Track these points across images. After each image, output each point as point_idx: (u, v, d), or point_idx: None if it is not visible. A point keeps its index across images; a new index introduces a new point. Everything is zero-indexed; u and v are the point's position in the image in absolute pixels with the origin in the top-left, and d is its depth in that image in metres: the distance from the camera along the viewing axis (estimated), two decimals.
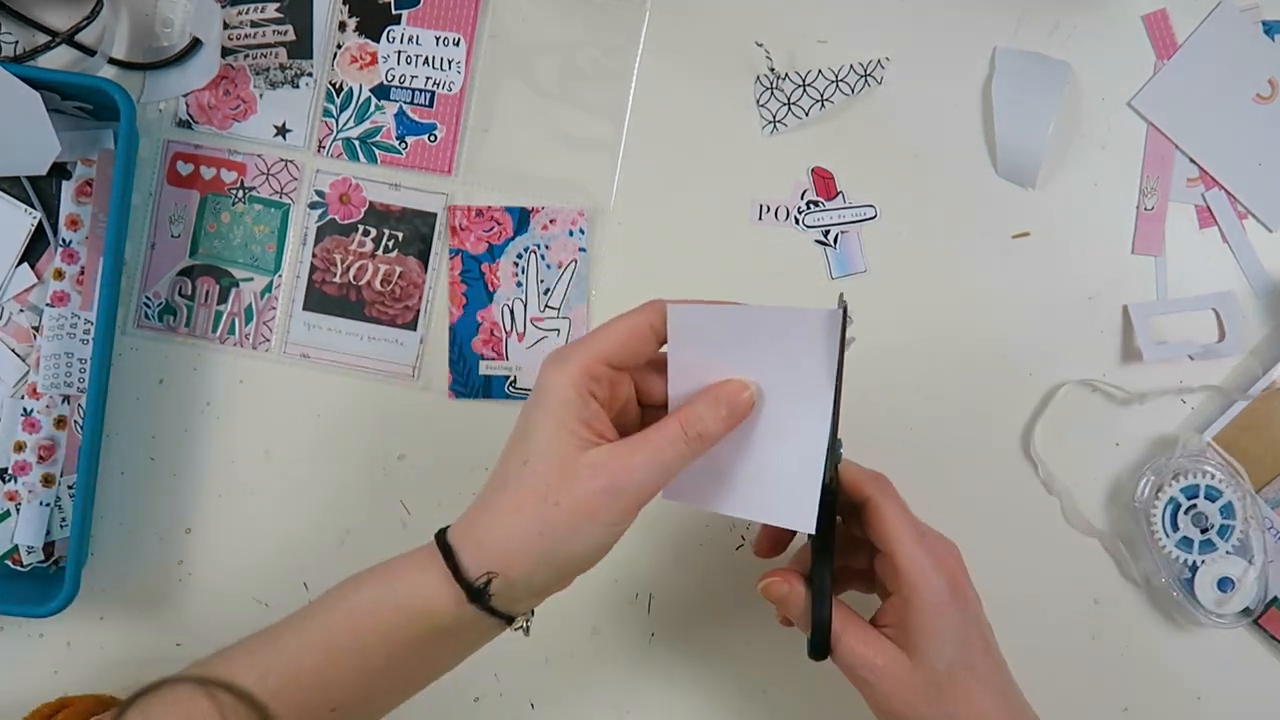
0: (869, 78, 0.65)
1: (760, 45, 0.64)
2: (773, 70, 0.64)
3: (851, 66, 0.65)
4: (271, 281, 0.66)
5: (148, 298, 0.66)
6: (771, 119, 0.65)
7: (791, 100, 0.64)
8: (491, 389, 0.66)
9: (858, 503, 0.54)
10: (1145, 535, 0.63)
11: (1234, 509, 0.62)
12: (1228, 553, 0.62)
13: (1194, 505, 0.63)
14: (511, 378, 0.66)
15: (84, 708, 0.56)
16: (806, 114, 0.65)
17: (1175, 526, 0.63)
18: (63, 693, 0.59)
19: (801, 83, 0.64)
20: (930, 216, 0.66)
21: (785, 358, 0.48)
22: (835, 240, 0.65)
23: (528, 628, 0.52)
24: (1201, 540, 0.62)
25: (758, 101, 0.65)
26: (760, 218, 0.65)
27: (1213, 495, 0.62)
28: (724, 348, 0.49)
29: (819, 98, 0.64)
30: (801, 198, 0.65)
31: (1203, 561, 0.62)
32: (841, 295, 0.49)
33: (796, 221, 0.65)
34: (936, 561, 0.52)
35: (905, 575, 0.51)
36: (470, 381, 0.66)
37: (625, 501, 0.48)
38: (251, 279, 0.66)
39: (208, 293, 0.66)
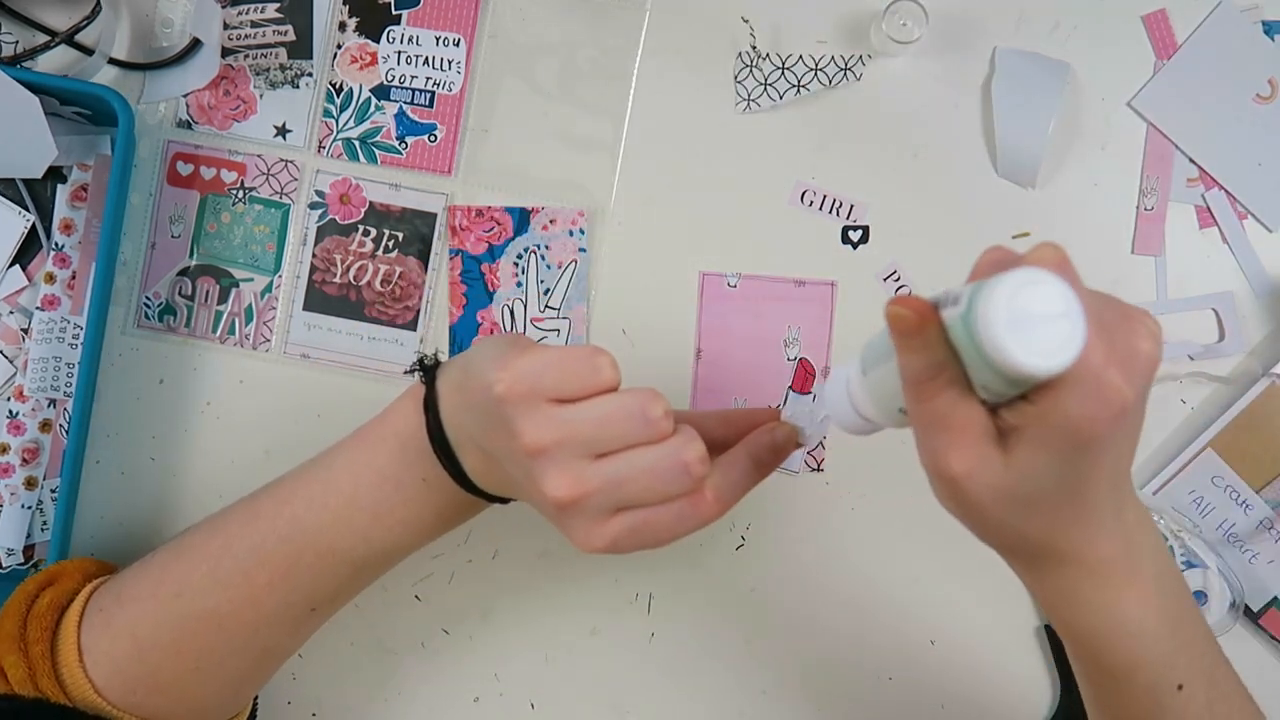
0: (848, 71, 0.65)
1: (745, 21, 0.65)
2: (754, 49, 0.64)
3: (833, 58, 0.65)
4: (271, 282, 0.66)
5: (148, 298, 0.66)
6: (746, 97, 0.65)
7: (768, 81, 0.64)
8: None
9: None
10: None
11: (1161, 533, 0.61)
12: (1182, 570, 0.62)
13: None
14: None
15: (70, 585, 0.55)
16: (781, 97, 0.65)
17: None
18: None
19: (780, 65, 0.64)
20: (930, 216, 0.66)
21: None
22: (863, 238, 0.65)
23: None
24: None
25: (735, 78, 0.65)
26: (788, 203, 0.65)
27: None
28: None
29: (795, 83, 0.64)
30: (801, 198, 0.65)
31: None
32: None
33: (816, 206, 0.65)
34: (1115, 345, 0.39)
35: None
36: None
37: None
38: (251, 279, 0.66)
39: (208, 293, 0.66)
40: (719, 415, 0.49)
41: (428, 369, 0.50)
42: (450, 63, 0.66)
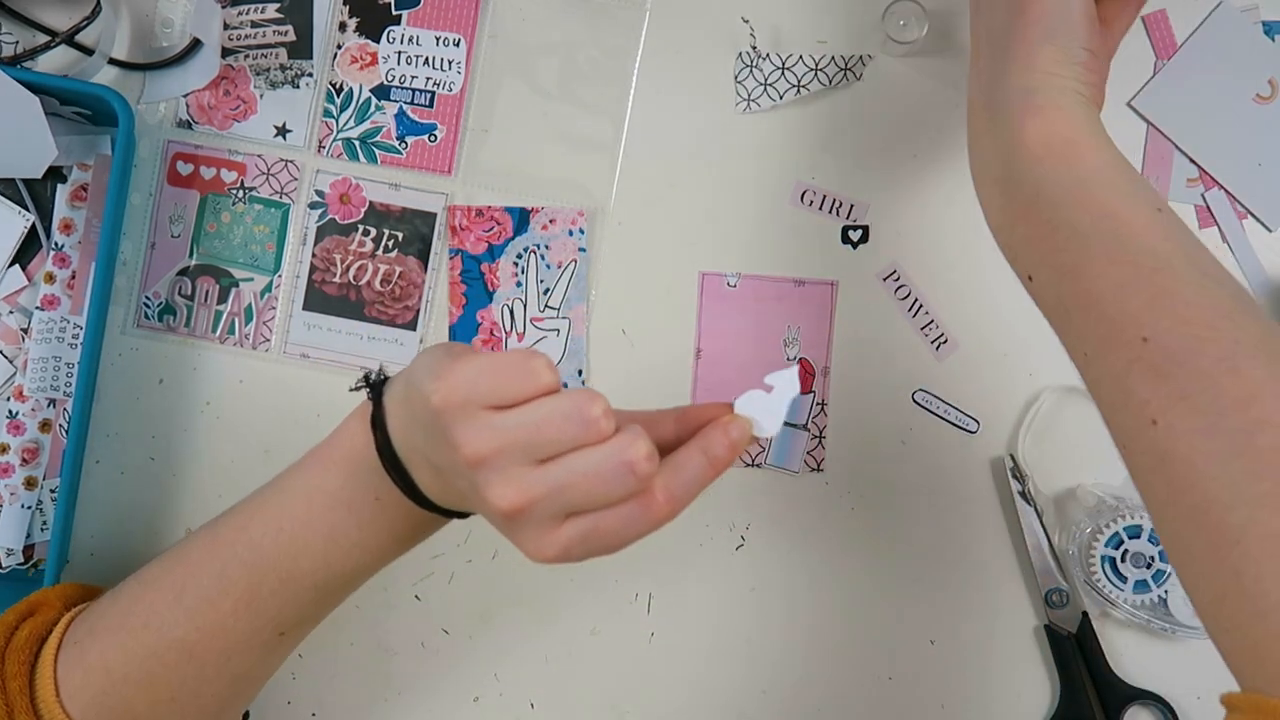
0: (848, 71, 0.65)
1: (745, 21, 0.65)
2: (754, 49, 0.64)
3: (833, 58, 0.65)
4: (271, 281, 0.66)
5: (147, 298, 0.66)
6: (746, 97, 0.65)
7: (768, 81, 0.64)
8: None
9: None
10: (1107, 601, 0.63)
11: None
12: None
13: (1124, 550, 0.62)
14: None
15: (50, 616, 0.54)
16: (781, 97, 0.65)
17: (1123, 578, 0.62)
18: None
19: (780, 65, 0.64)
20: (930, 216, 0.66)
21: None
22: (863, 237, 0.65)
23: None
24: (1154, 573, 0.62)
25: (735, 78, 0.65)
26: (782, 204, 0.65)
27: (1133, 532, 0.62)
28: None
29: (795, 83, 0.64)
30: (802, 199, 0.65)
31: (1166, 592, 0.62)
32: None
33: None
34: None
35: None
36: None
37: None
38: (251, 279, 0.66)
39: (208, 293, 0.66)
40: (673, 413, 0.48)
41: (374, 385, 0.49)
42: (450, 63, 0.66)
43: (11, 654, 0.52)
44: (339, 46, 0.66)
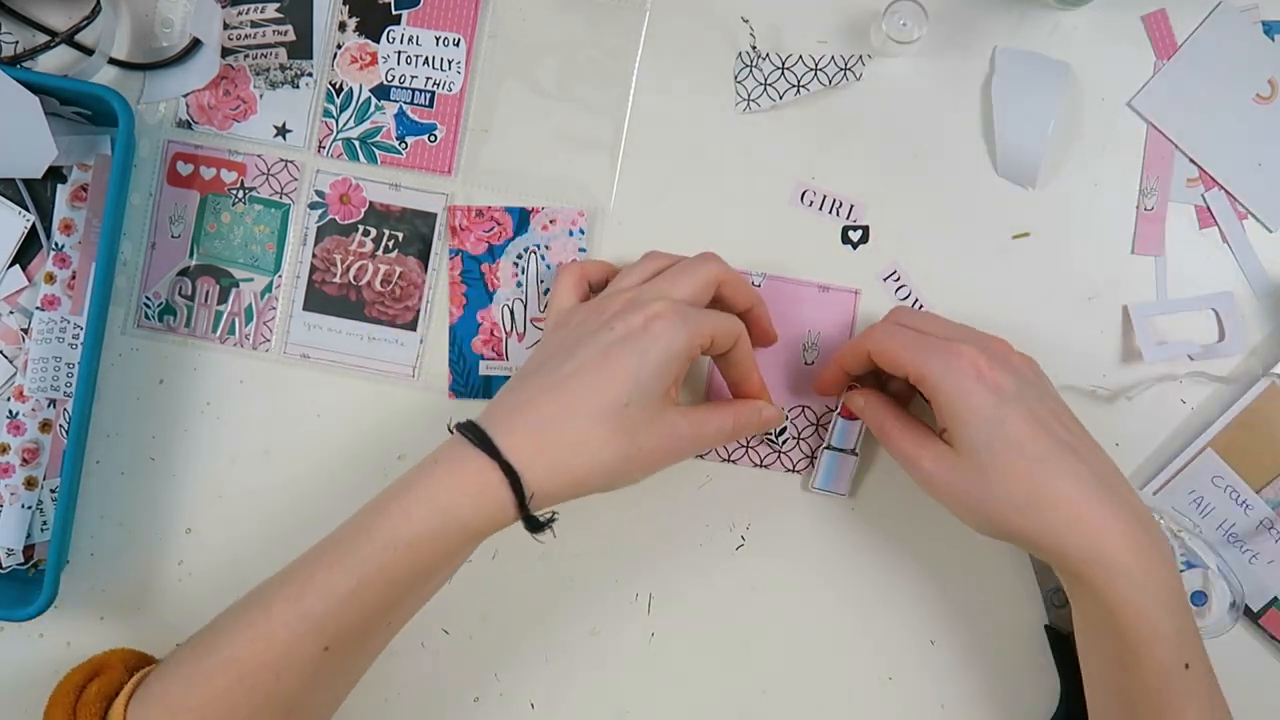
0: (848, 71, 0.65)
1: (745, 21, 0.65)
2: (754, 49, 0.64)
3: (833, 58, 0.65)
4: (271, 282, 0.66)
5: (148, 298, 0.66)
6: (746, 97, 0.65)
7: (768, 81, 0.64)
8: (491, 389, 0.66)
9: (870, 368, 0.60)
10: None
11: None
12: (1181, 570, 0.62)
13: None
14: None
15: (115, 677, 0.56)
16: (781, 97, 0.65)
17: None
18: None
19: (780, 65, 0.64)
20: (929, 216, 0.66)
21: None
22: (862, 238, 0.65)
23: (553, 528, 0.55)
24: None
25: (735, 78, 0.65)
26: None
27: None
28: None
29: (795, 83, 0.64)
30: (800, 196, 0.65)
31: None
32: None
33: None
34: (948, 359, 0.55)
35: (923, 382, 0.56)
36: (470, 381, 0.66)
37: (675, 459, 0.56)
38: (251, 279, 0.66)
39: (208, 293, 0.66)
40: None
41: (514, 487, 0.53)
42: (450, 63, 0.66)
43: (82, 709, 0.54)
44: (339, 46, 0.66)
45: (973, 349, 0.55)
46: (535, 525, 0.53)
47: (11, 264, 0.64)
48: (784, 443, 0.65)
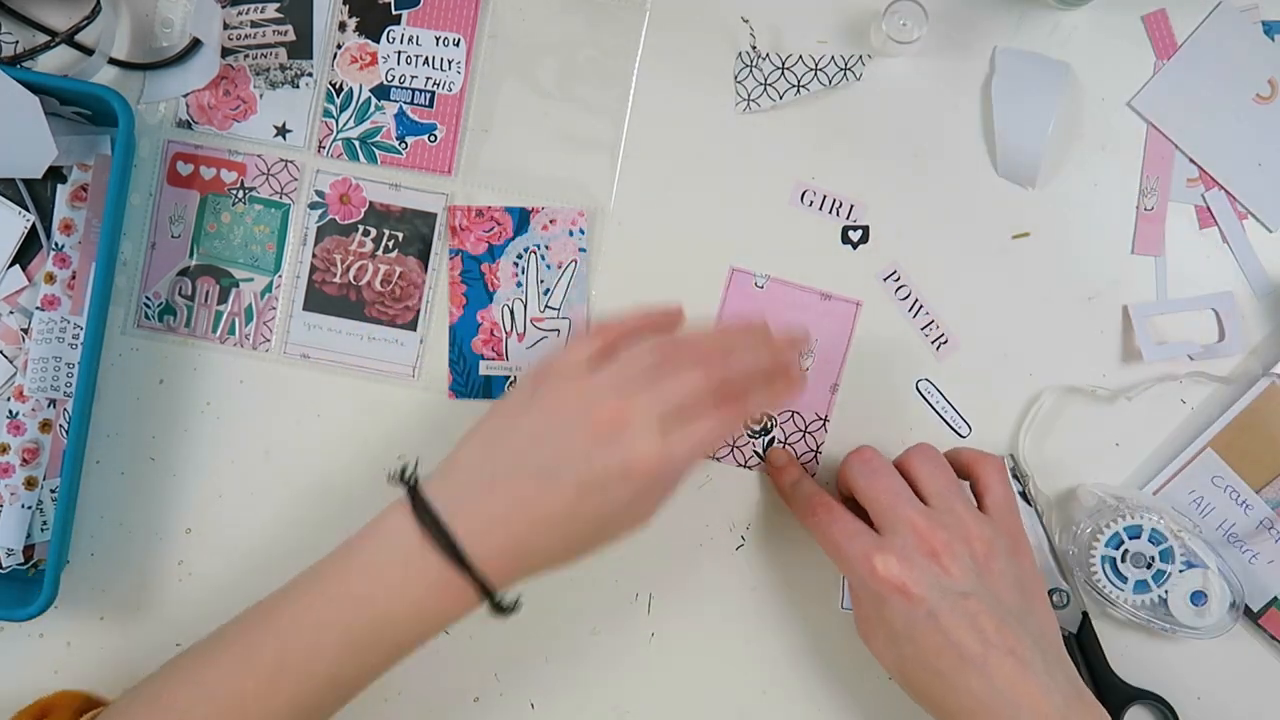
0: (848, 71, 0.65)
1: (745, 21, 0.65)
2: (754, 49, 0.64)
3: (833, 58, 0.65)
4: (271, 282, 0.66)
5: (148, 298, 0.66)
6: (746, 97, 0.65)
7: (768, 81, 0.64)
8: (491, 389, 0.66)
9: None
10: (1107, 601, 0.63)
11: (1161, 533, 0.62)
12: (1181, 570, 0.62)
13: (1124, 550, 0.62)
14: (511, 378, 0.66)
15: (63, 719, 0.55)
16: (781, 97, 0.65)
17: (1123, 578, 0.62)
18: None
19: (780, 65, 0.64)
20: (929, 216, 0.66)
21: None
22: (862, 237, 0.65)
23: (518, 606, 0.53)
24: (1154, 574, 0.62)
25: (735, 78, 0.65)
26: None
27: (1133, 532, 0.62)
28: None
29: (795, 83, 0.64)
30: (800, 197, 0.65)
31: (1166, 592, 0.62)
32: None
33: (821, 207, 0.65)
34: (880, 543, 0.57)
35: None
36: (470, 381, 0.66)
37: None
38: (251, 279, 0.66)
39: (208, 293, 0.66)
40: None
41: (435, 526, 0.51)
42: (450, 63, 0.66)
43: None
44: (339, 46, 0.66)
45: (922, 523, 0.56)
46: (504, 610, 0.53)
47: (11, 264, 0.64)
48: (768, 446, 0.65)
